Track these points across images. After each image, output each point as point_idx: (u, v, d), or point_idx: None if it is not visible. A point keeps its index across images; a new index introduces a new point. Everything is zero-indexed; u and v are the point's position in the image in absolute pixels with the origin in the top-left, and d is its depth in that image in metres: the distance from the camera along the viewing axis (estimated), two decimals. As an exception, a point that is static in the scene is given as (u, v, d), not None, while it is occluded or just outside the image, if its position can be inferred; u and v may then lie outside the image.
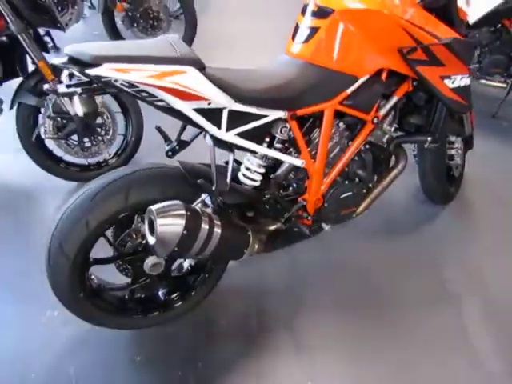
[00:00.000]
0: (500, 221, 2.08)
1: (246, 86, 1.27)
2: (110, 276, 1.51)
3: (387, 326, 1.63)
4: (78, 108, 1.09)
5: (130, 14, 3.15)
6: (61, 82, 1.14)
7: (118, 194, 1.28)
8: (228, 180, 1.33)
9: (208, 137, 1.33)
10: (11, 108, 2.02)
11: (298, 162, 1.46)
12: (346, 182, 1.59)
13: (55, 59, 1.10)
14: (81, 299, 1.37)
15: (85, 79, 1.13)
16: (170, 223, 1.20)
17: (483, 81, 2.90)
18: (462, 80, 1.56)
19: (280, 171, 1.52)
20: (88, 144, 2.18)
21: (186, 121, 1.26)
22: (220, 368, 1.49)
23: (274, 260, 1.86)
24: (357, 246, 1.97)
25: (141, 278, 1.47)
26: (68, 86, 1.13)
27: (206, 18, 4.30)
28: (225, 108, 1.25)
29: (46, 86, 1.11)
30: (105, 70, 1.06)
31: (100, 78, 1.07)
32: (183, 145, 1.43)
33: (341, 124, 1.53)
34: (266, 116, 1.34)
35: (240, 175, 1.47)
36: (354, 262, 1.89)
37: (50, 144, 2.22)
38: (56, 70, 1.86)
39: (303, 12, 1.45)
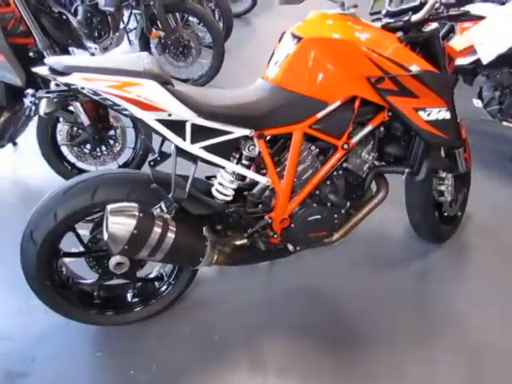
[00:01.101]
0: (492, 269, 1.97)
1: (208, 102, 1.36)
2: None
3: (351, 354, 1.59)
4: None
5: (162, 40, 3.43)
6: None
7: (87, 191, 1.39)
8: (187, 189, 1.40)
9: (173, 147, 1.42)
10: (34, 115, 2.26)
11: (264, 180, 1.51)
12: (315, 205, 1.60)
13: (37, 68, 1.26)
14: (48, 287, 1.48)
15: (65, 87, 1.28)
16: (121, 222, 1.29)
17: (505, 123, 2.80)
18: (439, 113, 1.55)
19: (255, 190, 1.58)
20: (99, 153, 2.36)
21: (153, 131, 1.37)
22: (172, 374, 1.52)
23: (250, 277, 1.89)
24: (339, 274, 1.94)
25: (107, 276, 1.56)
26: (47, 92, 1.28)
27: (241, 48, 4.57)
28: (187, 121, 1.34)
29: (28, 91, 1.27)
30: (73, 79, 1.20)
31: (69, 85, 1.21)
32: (164, 156, 1.53)
33: (312, 147, 1.57)
34: (231, 132, 1.42)
35: (213, 190, 1.54)
36: (331, 290, 1.87)
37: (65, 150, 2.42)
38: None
39: (280, 40, 1.53)
